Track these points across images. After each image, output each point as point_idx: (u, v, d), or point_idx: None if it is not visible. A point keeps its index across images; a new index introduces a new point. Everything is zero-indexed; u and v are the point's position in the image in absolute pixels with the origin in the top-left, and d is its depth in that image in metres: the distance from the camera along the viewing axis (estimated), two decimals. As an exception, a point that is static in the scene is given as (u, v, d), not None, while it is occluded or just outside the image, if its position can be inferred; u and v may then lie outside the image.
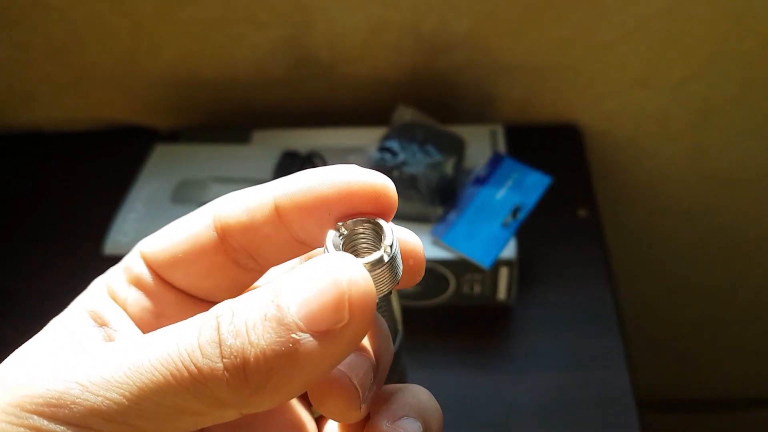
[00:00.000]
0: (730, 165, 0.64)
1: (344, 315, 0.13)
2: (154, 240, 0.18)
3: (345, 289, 0.13)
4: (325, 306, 0.13)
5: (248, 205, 0.16)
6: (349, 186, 0.16)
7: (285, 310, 0.13)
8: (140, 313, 0.17)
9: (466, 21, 0.53)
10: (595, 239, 0.52)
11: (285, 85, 0.59)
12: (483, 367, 0.45)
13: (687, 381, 0.89)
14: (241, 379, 0.13)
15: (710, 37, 0.54)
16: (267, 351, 0.13)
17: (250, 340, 0.13)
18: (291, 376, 0.13)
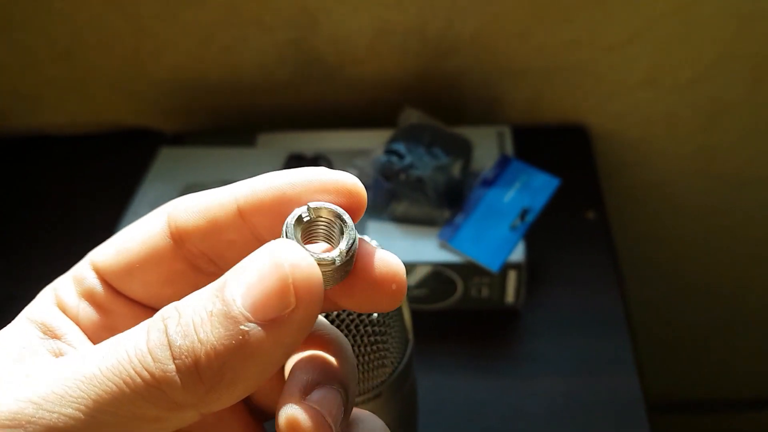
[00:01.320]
0: (738, 165, 0.63)
1: (290, 300, 0.13)
2: (106, 249, 0.17)
3: (288, 273, 0.13)
4: (270, 293, 0.13)
5: (208, 210, 0.16)
6: (316, 184, 0.15)
7: (230, 303, 0.13)
8: (94, 327, 0.17)
9: (471, 22, 0.53)
10: (604, 241, 0.51)
11: (290, 88, 0.59)
12: (491, 371, 0.44)
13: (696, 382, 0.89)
14: (194, 378, 0.12)
15: (718, 38, 0.53)
16: (217, 346, 0.12)
17: (199, 338, 0.12)
18: (245, 368, 0.13)
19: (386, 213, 0.48)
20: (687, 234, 0.70)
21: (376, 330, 0.23)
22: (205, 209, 0.16)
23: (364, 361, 0.23)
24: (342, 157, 0.52)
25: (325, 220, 0.15)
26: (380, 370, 0.24)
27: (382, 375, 0.24)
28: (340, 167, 0.51)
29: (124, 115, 0.63)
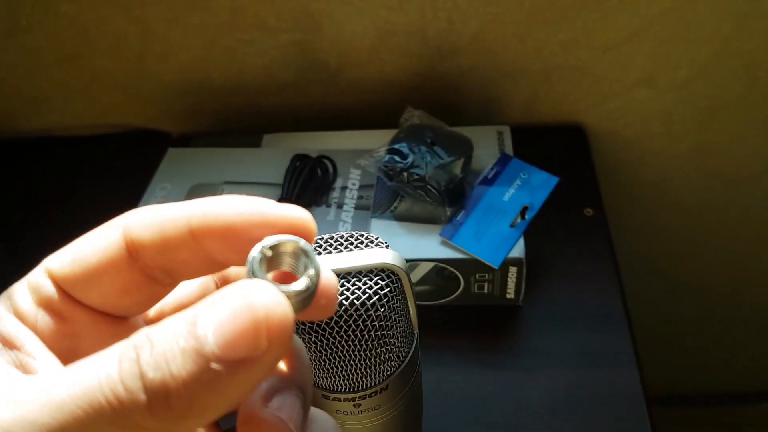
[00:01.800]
0: (734, 162, 0.64)
1: (262, 342, 0.13)
2: (62, 257, 0.17)
3: (262, 316, 0.13)
4: (243, 334, 0.13)
5: (162, 227, 0.16)
6: (267, 219, 0.16)
7: (203, 340, 0.13)
8: (53, 336, 0.17)
9: (472, 24, 0.54)
10: (602, 238, 0.52)
11: (293, 89, 0.59)
12: (493, 365, 0.45)
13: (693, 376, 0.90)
14: (164, 408, 0.13)
15: (714, 36, 0.54)
16: (188, 381, 0.13)
17: (171, 371, 0.13)
18: (213, 401, 0.13)
19: (389, 211, 0.49)
20: (684, 230, 0.71)
21: (383, 324, 0.24)
22: (158, 226, 0.16)
23: (371, 355, 0.24)
24: (345, 157, 0.53)
25: (286, 254, 0.15)
26: (387, 363, 0.25)
27: (388, 368, 0.25)
28: (344, 167, 0.52)
29: (131, 117, 0.64)
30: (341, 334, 0.23)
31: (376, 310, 0.23)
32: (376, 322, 0.23)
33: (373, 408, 0.26)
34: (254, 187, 0.52)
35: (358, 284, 0.23)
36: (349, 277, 0.23)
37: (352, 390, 0.25)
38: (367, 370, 0.24)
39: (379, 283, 0.23)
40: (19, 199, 0.61)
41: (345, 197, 0.51)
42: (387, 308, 0.23)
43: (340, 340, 0.23)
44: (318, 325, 0.23)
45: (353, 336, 0.23)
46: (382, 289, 0.23)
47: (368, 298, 0.23)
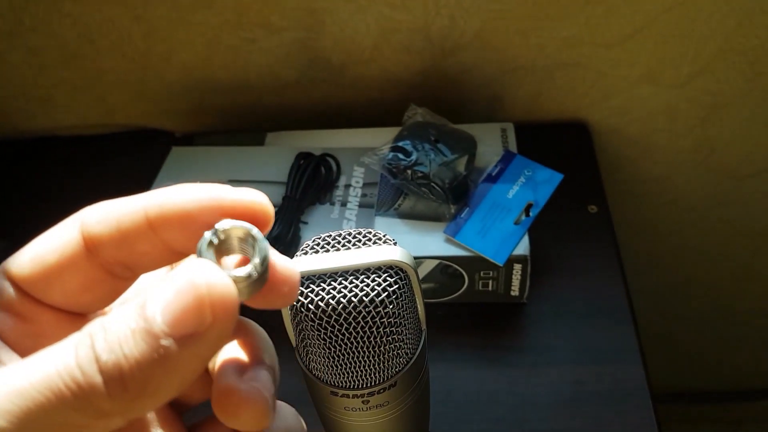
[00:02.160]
0: (737, 159, 0.64)
1: (206, 317, 0.14)
2: (20, 259, 0.17)
3: (205, 293, 0.14)
4: (188, 311, 0.14)
5: (118, 220, 0.16)
6: (223, 204, 0.16)
7: (151, 320, 0.14)
8: (16, 337, 0.17)
9: (474, 21, 0.54)
10: (606, 234, 0.52)
11: (297, 87, 0.60)
12: (498, 362, 0.46)
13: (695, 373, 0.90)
14: (120, 389, 0.13)
15: (718, 33, 0.54)
16: (140, 360, 0.13)
17: (124, 353, 0.13)
18: (166, 379, 0.14)
19: (393, 209, 0.49)
20: (686, 227, 0.71)
21: (392, 321, 0.24)
22: (116, 220, 0.16)
23: (380, 352, 0.24)
24: (348, 155, 0.53)
25: (236, 238, 0.16)
26: (395, 360, 0.25)
27: (397, 365, 0.25)
28: (348, 164, 0.52)
29: (134, 116, 0.64)
30: (350, 330, 0.23)
31: (385, 306, 0.23)
32: (385, 319, 0.23)
33: (382, 404, 0.26)
34: (258, 185, 0.52)
35: (367, 281, 0.23)
36: (358, 274, 0.24)
37: (361, 386, 0.25)
38: (376, 367, 0.24)
39: (388, 280, 0.23)
40: (23, 198, 0.61)
41: (349, 195, 0.51)
42: (396, 305, 0.24)
43: (350, 337, 0.23)
44: (327, 322, 0.23)
45: (362, 333, 0.23)
46: (390, 285, 0.23)
47: (377, 294, 0.23)
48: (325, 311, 0.23)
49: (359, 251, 0.24)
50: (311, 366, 0.25)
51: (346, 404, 0.25)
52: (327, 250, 0.25)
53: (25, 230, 0.61)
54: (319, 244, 0.25)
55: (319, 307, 0.23)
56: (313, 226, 0.48)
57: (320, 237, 0.25)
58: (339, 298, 0.23)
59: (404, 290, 0.24)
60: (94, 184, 0.61)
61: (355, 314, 0.23)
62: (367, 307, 0.23)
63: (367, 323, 0.23)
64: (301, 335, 0.24)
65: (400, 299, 0.24)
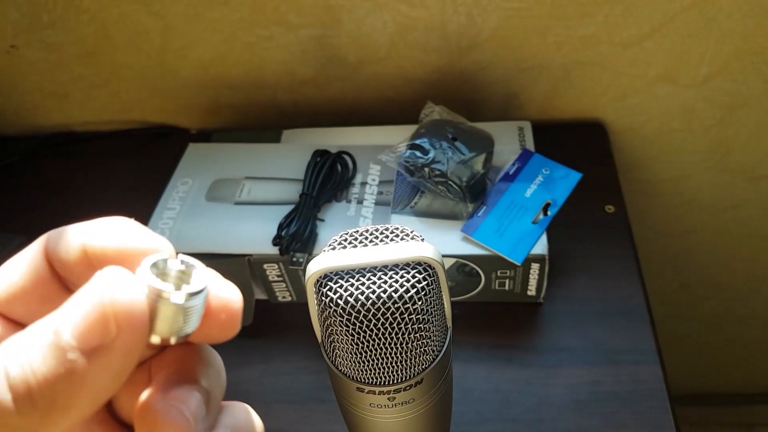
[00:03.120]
0: (753, 160, 0.64)
1: (111, 329, 0.14)
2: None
3: (108, 303, 0.14)
4: (92, 323, 0.14)
5: (66, 251, 0.17)
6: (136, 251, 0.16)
7: (59, 333, 0.14)
8: None
9: (492, 19, 0.54)
10: (624, 235, 0.52)
11: (313, 84, 0.59)
12: (515, 361, 0.45)
13: (707, 375, 0.89)
14: (28, 405, 0.13)
15: (736, 33, 0.54)
16: (47, 375, 0.13)
17: (32, 368, 0.13)
18: (75, 394, 0.13)
19: (409, 207, 0.49)
20: (701, 227, 0.70)
21: (420, 318, 0.24)
22: (64, 250, 0.17)
23: (408, 348, 0.24)
24: (364, 153, 0.53)
25: (176, 270, 0.16)
26: (422, 357, 0.25)
27: (424, 362, 0.25)
28: (364, 162, 0.52)
29: (150, 112, 0.64)
30: (379, 326, 0.23)
31: (414, 303, 0.23)
32: (413, 315, 0.23)
33: (407, 402, 0.26)
34: (275, 182, 0.52)
35: (396, 277, 0.23)
36: (387, 270, 0.23)
37: (388, 383, 0.25)
38: (403, 364, 0.24)
39: (417, 276, 0.23)
40: (39, 193, 0.61)
41: (365, 193, 0.51)
42: (424, 301, 0.23)
43: (378, 333, 0.23)
44: (356, 317, 0.23)
45: (391, 329, 0.23)
46: (419, 282, 0.23)
47: (406, 291, 0.23)
48: (354, 306, 0.23)
49: (387, 247, 0.24)
50: (337, 362, 0.25)
51: (371, 401, 0.25)
52: (355, 245, 0.25)
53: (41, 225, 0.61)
54: (346, 240, 0.25)
55: (348, 302, 0.23)
56: (329, 224, 0.48)
57: (347, 233, 0.25)
58: (368, 293, 0.23)
59: (432, 287, 0.24)
60: (110, 180, 0.61)
61: (384, 310, 0.23)
62: (396, 303, 0.23)
63: (395, 319, 0.23)
64: (328, 330, 0.24)
65: (429, 296, 0.24)
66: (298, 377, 0.46)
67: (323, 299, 0.23)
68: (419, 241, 0.25)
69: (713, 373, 0.88)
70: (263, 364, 0.47)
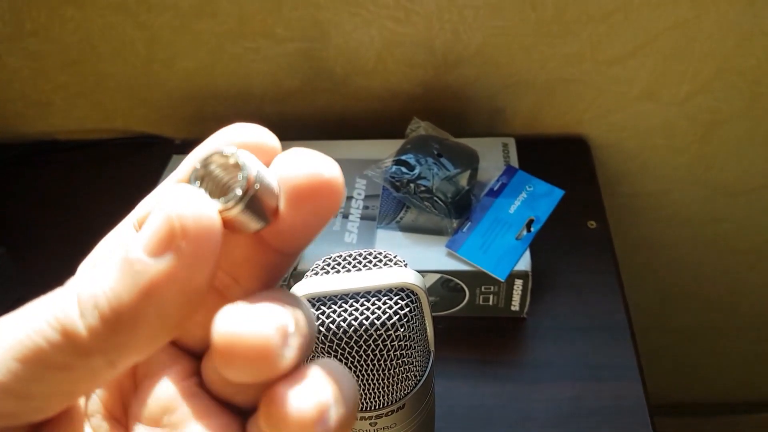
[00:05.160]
0: (733, 176, 0.65)
1: (178, 237, 0.13)
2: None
3: (174, 215, 0.13)
4: (157, 230, 0.13)
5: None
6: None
7: (128, 247, 0.13)
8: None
9: (477, 36, 0.54)
10: (606, 250, 0.53)
11: (299, 97, 0.59)
12: (498, 377, 0.46)
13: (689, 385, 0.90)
14: (95, 321, 0.13)
15: (717, 53, 0.55)
16: (115, 288, 0.13)
17: (101, 283, 0.13)
18: (143, 309, 0.13)
19: (395, 222, 0.49)
20: (683, 241, 0.71)
21: (402, 344, 0.24)
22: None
23: (390, 375, 0.24)
24: (351, 167, 0.53)
25: (219, 166, 0.14)
26: (405, 382, 0.25)
27: (406, 388, 0.25)
28: (350, 176, 0.52)
29: (134, 122, 0.64)
30: (361, 353, 0.23)
31: (396, 329, 0.23)
32: (395, 342, 0.23)
33: (389, 427, 0.26)
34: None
35: (378, 303, 0.23)
36: (369, 296, 0.24)
37: (370, 409, 0.25)
38: (386, 390, 0.24)
39: (399, 303, 0.23)
40: (22, 202, 0.61)
41: (351, 207, 0.51)
42: (407, 328, 0.24)
43: (360, 360, 0.23)
44: (338, 344, 0.23)
45: (372, 356, 0.23)
46: (402, 309, 0.23)
47: (388, 318, 0.23)
48: (336, 333, 0.23)
49: (370, 272, 0.24)
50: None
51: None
52: (338, 270, 0.25)
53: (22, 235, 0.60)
54: (329, 265, 0.25)
55: (330, 330, 0.23)
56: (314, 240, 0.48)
57: (330, 257, 0.25)
58: (350, 320, 0.23)
59: (415, 313, 0.24)
60: (93, 189, 0.61)
61: (366, 337, 0.23)
62: (378, 330, 0.23)
63: (378, 346, 0.23)
64: (311, 356, 0.24)
65: (411, 322, 0.24)
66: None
67: (306, 326, 0.23)
68: (402, 267, 0.25)
69: (694, 384, 0.89)
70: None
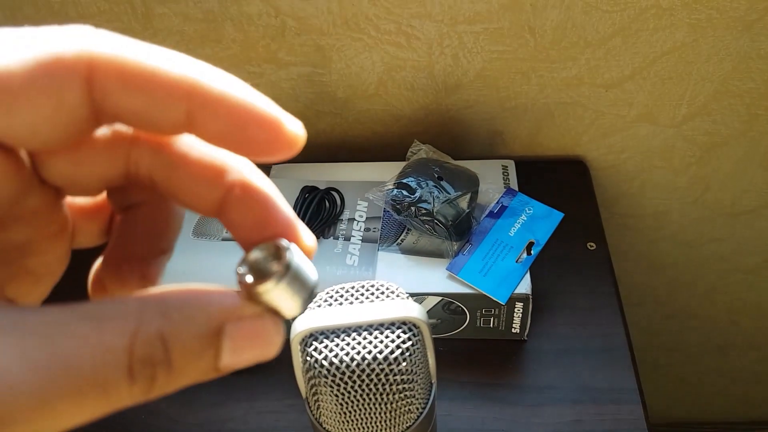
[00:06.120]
0: (731, 196, 0.65)
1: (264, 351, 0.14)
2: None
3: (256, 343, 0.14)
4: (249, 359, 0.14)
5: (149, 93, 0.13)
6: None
7: (218, 353, 0.14)
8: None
9: (477, 61, 0.55)
10: (605, 271, 0.53)
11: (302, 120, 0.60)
12: (499, 400, 0.46)
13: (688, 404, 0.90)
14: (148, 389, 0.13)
15: (714, 76, 0.56)
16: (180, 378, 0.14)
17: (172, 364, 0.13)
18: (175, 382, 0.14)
19: (396, 244, 0.50)
20: (682, 261, 0.72)
21: (404, 378, 0.24)
22: (145, 84, 0.13)
23: (392, 408, 0.24)
24: (353, 189, 0.54)
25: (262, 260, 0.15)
26: (407, 415, 0.25)
27: (408, 420, 0.25)
28: (352, 198, 0.53)
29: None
30: (363, 387, 0.23)
31: (398, 363, 0.24)
32: (398, 376, 0.24)
33: (391, 457, 0.26)
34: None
35: (381, 337, 0.24)
36: (372, 329, 0.24)
37: (372, 441, 0.25)
38: (388, 423, 0.25)
39: (401, 336, 0.24)
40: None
41: (352, 229, 0.51)
42: (409, 362, 0.24)
43: (362, 394, 0.24)
44: (341, 379, 0.23)
45: (376, 390, 0.24)
46: (404, 342, 0.24)
47: (390, 352, 0.23)
48: (339, 368, 0.23)
49: (372, 305, 0.25)
50: (322, 419, 0.26)
51: (355, 457, 0.26)
52: (340, 303, 0.25)
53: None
54: (332, 296, 0.25)
55: (333, 363, 0.23)
56: (316, 261, 0.49)
57: (333, 289, 0.26)
58: (353, 354, 0.23)
59: (417, 346, 0.24)
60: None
61: (369, 371, 0.23)
62: (380, 364, 0.23)
63: (380, 380, 0.23)
64: (313, 390, 0.25)
65: (413, 356, 0.24)
66: (284, 415, 0.46)
67: (308, 359, 0.24)
68: (404, 299, 0.25)
69: (694, 402, 0.89)
70: (248, 402, 0.47)
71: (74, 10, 0.53)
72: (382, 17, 0.52)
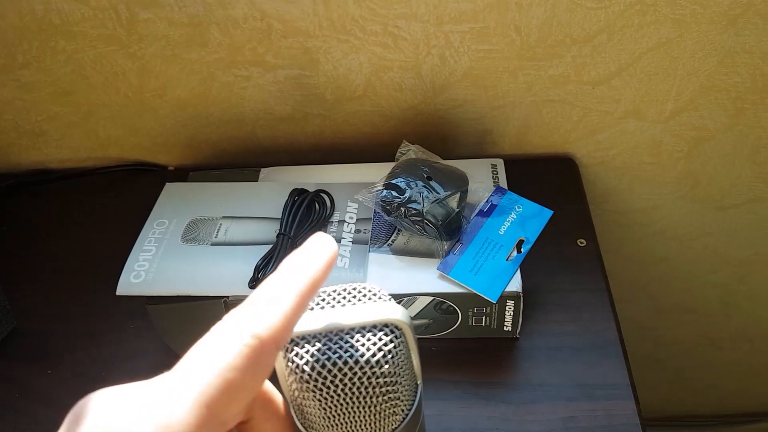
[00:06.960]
0: (721, 190, 0.65)
1: None
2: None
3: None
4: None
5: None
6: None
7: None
8: None
9: (464, 60, 0.55)
10: (595, 267, 0.53)
11: (291, 122, 0.60)
12: (492, 398, 0.46)
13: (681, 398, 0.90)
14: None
15: (700, 71, 0.56)
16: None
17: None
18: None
19: (386, 245, 0.50)
20: (672, 256, 0.72)
21: (388, 381, 0.24)
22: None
23: (376, 411, 0.24)
24: (343, 191, 0.54)
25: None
26: (392, 418, 0.25)
27: (393, 423, 0.25)
28: (342, 200, 0.53)
29: (128, 150, 0.64)
30: (346, 392, 0.23)
31: (381, 366, 0.23)
32: (381, 379, 0.24)
33: (378, 460, 0.26)
34: (252, 222, 0.52)
35: (362, 340, 0.24)
36: (353, 333, 0.24)
37: (358, 444, 0.25)
38: (373, 426, 0.25)
39: (383, 339, 0.24)
40: (14, 232, 0.61)
41: (343, 231, 0.51)
42: (392, 364, 0.24)
43: (345, 398, 0.23)
44: (323, 383, 0.23)
45: (359, 393, 0.24)
46: (386, 345, 0.24)
47: (372, 354, 0.23)
48: (321, 372, 0.23)
49: (354, 308, 0.25)
50: (306, 424, 0.26)
51: (342, 461, 0.26)
52: (322, 307, 0.25)
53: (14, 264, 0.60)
54: (313, 300, 0.25)
55: (314, 368, 0.23)
56: (306, 264, 0.49)
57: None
58: (335, 358, 0.23)
59: (400, 348, 0.24)
60: (87, 218, 0.61)
61: (351, 375, 0.23)
62: (363, 367, 0.23)
63: (363, 383, 0.23)
64: (296, 394, 0.25)
65: (397, 358, 0.24)
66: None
67: (290, 365, 0.24)
68: (386, 301, 0.25)
69: (688, 396, 0.90)
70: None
71: (58, 17, 0.53)
72: (367, 18, 0.52)
